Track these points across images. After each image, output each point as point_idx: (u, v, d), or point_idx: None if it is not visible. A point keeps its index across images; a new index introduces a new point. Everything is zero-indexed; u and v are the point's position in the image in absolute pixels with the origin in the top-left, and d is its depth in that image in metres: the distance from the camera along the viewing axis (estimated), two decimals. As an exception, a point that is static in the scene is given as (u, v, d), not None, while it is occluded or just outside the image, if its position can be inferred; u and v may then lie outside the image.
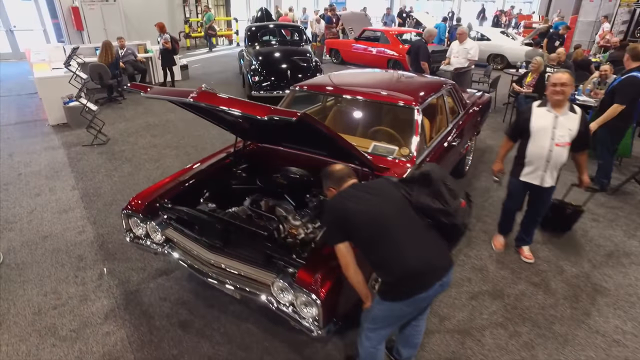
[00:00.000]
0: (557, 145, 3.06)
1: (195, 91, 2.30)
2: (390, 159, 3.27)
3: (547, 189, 3.29)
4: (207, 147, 6.08)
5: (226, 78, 10.87)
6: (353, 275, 2.02)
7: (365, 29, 12.36)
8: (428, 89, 3.92)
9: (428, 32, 6.78)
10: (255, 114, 2.01)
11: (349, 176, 2.14)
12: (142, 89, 2.57)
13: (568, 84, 2.97)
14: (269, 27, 9.80)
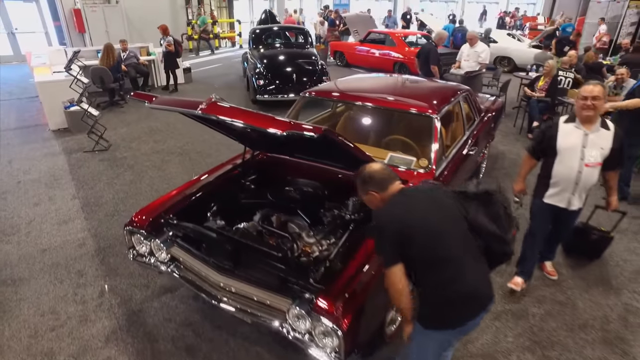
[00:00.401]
0: (587, 165, 2.74)
1: (205, 102, 2.13)
2: (407, 171, 3.09)
3: (573, 212, 2.99)
4: (212, 152, 5.91)
5: (230, 81, 10.71)
6: (406, 302, 1.76)
7: (371, 31, 12.19)
8: (445, 96, 3.74)
9: (438, 35, 6.60)
10: (274, 129, 1.83)
11: (394, 178, 1.87)
12: (146, 99, 2.40)
13: (600, 97, 2.63)
14: (274, 30, 9.64)
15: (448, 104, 3.61)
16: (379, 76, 4.86)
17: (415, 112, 3.39)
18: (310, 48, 9.06)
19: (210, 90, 9.72)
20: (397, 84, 4.30)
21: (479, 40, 6.80)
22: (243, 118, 2.01)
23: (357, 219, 2.77)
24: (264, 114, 2.02)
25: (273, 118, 1.95)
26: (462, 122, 4.01)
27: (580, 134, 2.75)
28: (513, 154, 6.20)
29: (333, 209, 2.95)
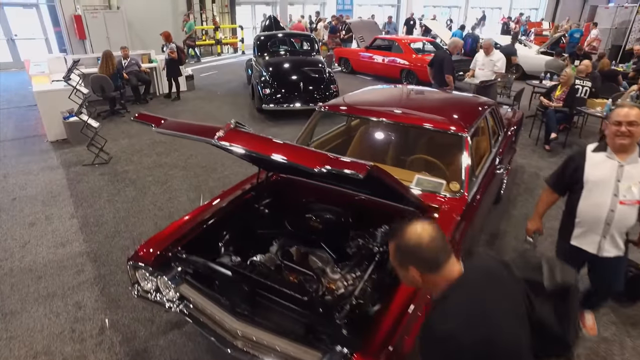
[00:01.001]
0: (623, 203, 2.29)
1: (223, 129, 1.87)
2: (436, 195, 2.82)
3: (607, 260, 2.45)
4: (217, 167, 5.64)
5: (234, 88, 10.46)
6: None
7: (377, 38, 11.96)
8: (473, 111, 3.48)
9: (453, 43, 6.36)
10: (310, 165, 1.56)
11: (449, 254, 1.32)
12: (152, 122, 2.14)
13: (638, 123, 2.20)
14: (279, 36, 9.40)
15: (477, 121, 3.34)
16: (397, 88, 4.59)
17: (443, 129, 3.12)
18: (317, 55, 8.82)
19: (214, 98, 9.48)
20: (419, 98, 4.03)
21: (494, 49, 6.56)
22: (270, 150, 1.74)
23: (387, 252, 2.50)
24: (295, 146, 1.76)
25: (306, 151, 1.70)
26: (488, 138, 3.74)
27: (613, 166, 2.32)
28: (532, 167, 5.94)
29: (358, 238, 2.68)
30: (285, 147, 1.78)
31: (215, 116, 8.06)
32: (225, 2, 15.99)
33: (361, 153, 3.78)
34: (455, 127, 3.08)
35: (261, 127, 7.34)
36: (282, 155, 1.72)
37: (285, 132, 7.08)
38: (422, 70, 10.22)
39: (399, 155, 3.62)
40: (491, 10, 27.00)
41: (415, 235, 1.30)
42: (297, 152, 1.72)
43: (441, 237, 1.33)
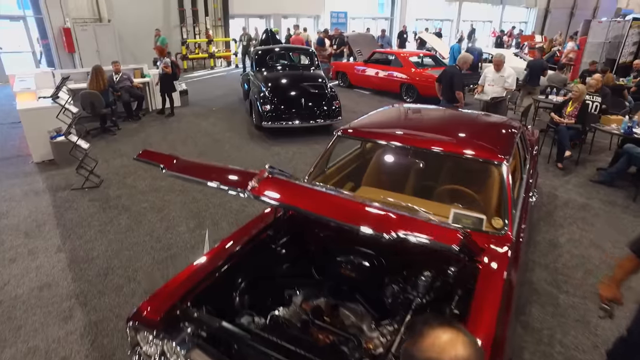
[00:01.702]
0: None
1: (256, 178, 1.52)
2: (477, 233, 2.49)
3: None
4: (216, 191, 5.25)
5: (230, 104, 10.11)
6: None
7: (375, 51, 11.77)
8: (506, 136, 3.18)
9: (463, 58, 6.13)
10: (379, 230, 1.22)
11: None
12: (160, 162, 1.79)
13: None
14: (278, 51, 9.11)
15: (513, 147, 3.04)
16: (417, 108, 4.28)
17: (480, 158, 2.80)
18: (318, 70, 8.54)
19: (209, 114, 9.12)
20: (443, 120, 3.73)
21: (504, 65, 6.34)
22: (322, 207, 1.39)
23: (428, 303, 2.16)
24: (352, 199, 1.42)
25: (371, 207, 1.34)
26: (519, 163, 3.45)
27: None
28: (547, 186, 5.68)
29: (393, 284, 2.33)
30: (342, 202, 1.43)
31: (211, 134, 7.70)
32: (219, 16, 15.74)
33: (378, 181, 3.45)
34: (492, 155, 2.77)
35: (262, 147, 6.99)
36: (342, 215, 1.36)
37: (287, 150, 6.74)
38: (423, 85, 10.05)
39: (421, 184, 3.30)
40: (482, 23, 27.27)
41: (437, 349, 0.92)
42: (359, 210, 1.37)
43: (479, 352, 0.94)
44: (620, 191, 5.53)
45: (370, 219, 1.31)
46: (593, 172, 6.15)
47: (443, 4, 24.90)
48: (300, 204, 1.49)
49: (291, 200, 1.51)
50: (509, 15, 28.80)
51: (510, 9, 28.47)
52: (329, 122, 7.51)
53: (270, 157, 6.45)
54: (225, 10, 15.66)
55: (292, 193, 1.54)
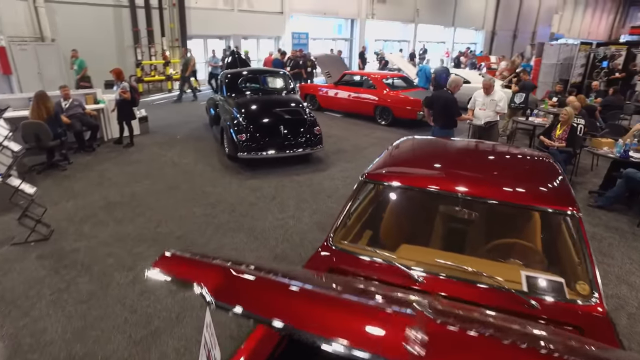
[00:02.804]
0: None
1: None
2: (561, 303, 2.01)
3: None
4: (196, 237, 4.51)
5: (195, 131, 9.30)
6: None
7: (346, 73, 11.47)
8: (559, 177, 2.75)
9: (454, 81, 5.85)
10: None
11: None
12: (195, 278, 1.15)
13: None
14: (250, 74, 8.48)
15: (571, 190, 2.62)
16: (440, 142, 3.77)
17: (549, 208, 2.34)
18: (294, 94, 8.02)
19: (174, 142, 8.28)
20: (480, 157, 3.26)
21: (495, 88, 6.13)
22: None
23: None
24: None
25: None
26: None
27: None
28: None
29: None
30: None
31: (179, 165, 6.89)
32: (176, 36, 14.91)
33: (413, 234, 2.91)
34: (564, 204, 2.32)
35: (238, 180, 6.29)
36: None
37: (268, 184, 6.08)
38: (398, 107, 9.81)
39: (475, 241, 2.79)
40: (436, 44, 28.22)
41: None
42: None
43: None
44: (620, 216, 5.37)
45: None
46: (586, 196, 6.00)
47: (400, 25, 25.50)
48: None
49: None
50: (460, 37, 30.09)
51: (460, 31, 29.76)
52: (311, 151, 6.96)
53: (251, 193, 5.76)
54: (183, 30, 14.87)
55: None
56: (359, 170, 7.03)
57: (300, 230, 4.72)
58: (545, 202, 2.35)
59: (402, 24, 25.50)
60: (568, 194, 2.41)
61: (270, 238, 4.53)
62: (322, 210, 5.25)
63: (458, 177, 2.61)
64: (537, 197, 2.38)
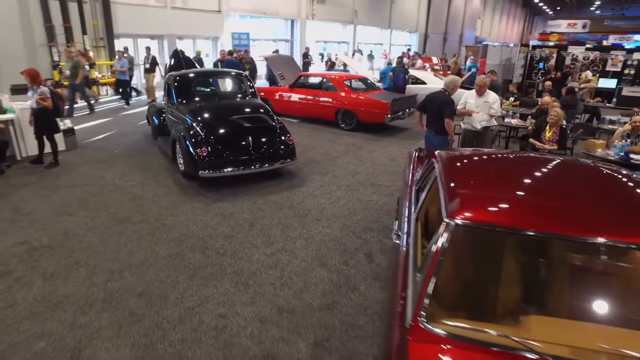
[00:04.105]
0: None
1: None
2: None
3: None
4: (165, 291, 3.38)
5: (135, 144, 7.88)
6: None
7: (302, 75, 10.60)
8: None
9: (452, 82, 5.25)
10: None
11: None
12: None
13: None
14: (204, 76, 7.29)
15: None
16: (509, 159, 2.98)
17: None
18: (255, 98, 6.99)
19: (112, 159, 6.85)
20: (568, 177, 2.54)
21: (488, 89, 5.65)
22: None
23: None
24: None
25: None
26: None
27: None
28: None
29: None
30: None
31: (124, 189, 5.57)
32: (101, 35, 13.03)
33: (510, 295, 2.12)
34: None
35: (203, 204, 5.17)
36: None
37: (240, 209, 5.04)
38: (364, 111, 9.16)
39: (601, 298, 2.05)
40: (374, 45, 28.38)
41: None
42: None
43: None
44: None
45: None
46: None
47: (339, 26, 25.22)
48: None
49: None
50: (396, 39, 30.65)
51: (396, 33, 30.31)
52: (284, 164, 6.02)
53: (222, 222, 4.69)
54: (108, 28, 13.03)
55: None
56: (339, 183, 6.26)
57: (299, 269, 3.78)
58: None
59: (341, 25, 25.26)
60: None
61: (265, 284, 3.54)
62: (317, 239, 4.35)
63: (582, 213, 1.88)
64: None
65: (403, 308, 1.82)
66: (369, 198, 5.52)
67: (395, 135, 9.26)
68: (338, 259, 3.98)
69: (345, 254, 4.07)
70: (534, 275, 2.15)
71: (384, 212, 5.09)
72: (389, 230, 4.58)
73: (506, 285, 2.00)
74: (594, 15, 47.58)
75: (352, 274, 3.73)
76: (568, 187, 2.28)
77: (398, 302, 1.92)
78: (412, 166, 3.94)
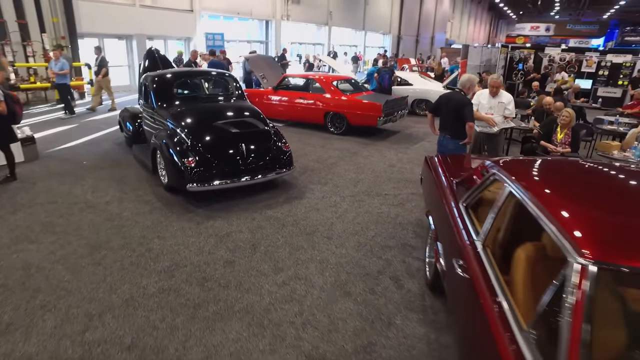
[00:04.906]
0: None
1: None
2: None
3: None
4: (160, 341, 2.71)
5: (107, 152, 7.04)
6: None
7: (286, 76, 9.99)
8: None
9: (468, 80, 4.77)
10: None
11: None
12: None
13: None
14: (186, 76, 6.55)
15: None
16: (599, 167, 2.46)
17: None
18: (244, 100, 6.34)
19: (80, 171, 6.02)
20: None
21: (502, 89, 5.24)
22: None
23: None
24: None
25: None
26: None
27: None
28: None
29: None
30: None
31: (97, 207, 4.79)
32: (62, 33, 11.95)
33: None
34: None
35: (193, 223, 4.48)
36: None
37: (236, 226, 4.40)
38: (355, 114, 8.66)
39: None
40: (349, 47, 28.11)
41: None
42: None
43: None
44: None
45: None
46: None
47: (314, 27, 24.78)
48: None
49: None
50: (371, 41, 30.52)
51: (371, 35, 30.18)
52: (281, 175, 5.40)
53: (219, 244, 4.04)
54: (70, 26, 11.97)
55: None
56: (341, 194, 5.66)
57: (320, 302, 3.19)
58: None
59: (316, 26, 24.84)
60: None
61: (283, 323, 2.93)
62: (332, 262, 3.77)
63: None
64: None
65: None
66: (378, 210, 4.99)
67: (388, 139, 8.81)
68: (362, 286, 3.41)
69: (369, 280, 3.51)
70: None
71: (399, 226, 4.57)
72: (411, 248, 4.08)
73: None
74: (554, 19, 49.55)
75: (383, 305, 3.18)
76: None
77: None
78: (443, 177, 3.44)
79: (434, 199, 3.41)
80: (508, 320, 1.66)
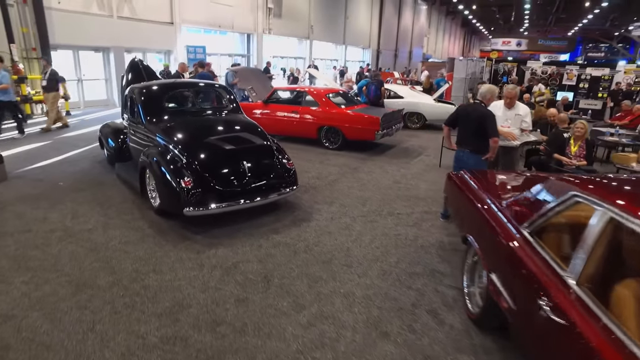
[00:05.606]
0: None
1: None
2: None
3: None
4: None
5: (87, 172, 6.39)
6: None
7: (276, 89, 9.58)
8: None
9: (489, 91, 4.45)
10: None
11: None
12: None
13: None
14: (177, 88, 6.03)
15: None
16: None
17: None
18: (240, 113, 5.86)
19: (56, 194, 5.37)
20: None
21: (517, 101, 4.97)
22: None
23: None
24: None
25: None
26: None
27: None
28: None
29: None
30: None
31: (77, 236, 4.18)
32: (33, 45, 11.20)
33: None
34: None
35: (191, 252, 3.94)
36: None
37: (243, 255, 3.89)
38: (351, 128, 8.29)
39: None
40: (330, 61, 28.08)
41: None
42: None
43: None
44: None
45: None
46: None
47: (296, 41, 24.61)
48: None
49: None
50: (351, 55, 30.62)
51: (351, 49, 30.30)
52: (286, 194, 4.93)
53: (226, 276, 3.52)
54: (42, 37, 11.23)
55: None
56: (351, 214, 5.19)
57: (356, 346, 2.71)
58: None
59: (297, 40, 24.68)
60: None
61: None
62: (358, 295, 3.31)
63: None
64: None
65: None
66: (395, 232, 4.58)
67: (386, 154, 8.47)
68: (399, 324, 2.96)
69: (404, 315, 3.07)
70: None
71: (421, 250, 4.16)
72: (440, 275, 3.67)
73: None
74: (524, 35, 51.49)
75: (427, 346, 2.73)
76: None
77: None
78: (488, 198, 3.05)
79: (478, 222, 3.01)
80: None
